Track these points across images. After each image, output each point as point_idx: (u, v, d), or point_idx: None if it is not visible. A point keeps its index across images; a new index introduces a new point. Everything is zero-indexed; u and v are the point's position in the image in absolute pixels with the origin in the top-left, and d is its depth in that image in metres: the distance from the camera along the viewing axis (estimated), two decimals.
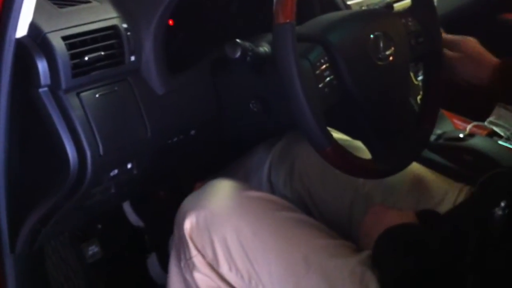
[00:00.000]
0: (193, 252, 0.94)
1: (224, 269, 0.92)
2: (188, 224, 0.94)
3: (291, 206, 0.99)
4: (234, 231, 0.92)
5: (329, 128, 0.89)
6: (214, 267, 0.93)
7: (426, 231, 0.85)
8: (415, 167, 1.10)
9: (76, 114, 0.84)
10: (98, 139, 0.86)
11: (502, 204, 0.67)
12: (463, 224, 0.77)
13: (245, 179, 1.22)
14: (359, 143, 1.04)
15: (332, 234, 0.95)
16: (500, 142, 1.32)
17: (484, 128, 1.43)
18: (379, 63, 0.95)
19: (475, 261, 0.72)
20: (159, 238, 1.31)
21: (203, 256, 0.93)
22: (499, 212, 0.67)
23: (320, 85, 0.89)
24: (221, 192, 0.97)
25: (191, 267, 0.94)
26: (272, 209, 0.95)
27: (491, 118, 1.45)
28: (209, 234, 0.93)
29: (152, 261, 1.36)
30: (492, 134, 1.40)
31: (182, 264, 0.96)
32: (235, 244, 0.91)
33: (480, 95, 1.19)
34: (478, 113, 1.50)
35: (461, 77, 1.10)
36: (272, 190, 1.19)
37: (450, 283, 0.76)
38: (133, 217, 1.36)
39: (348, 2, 1.28)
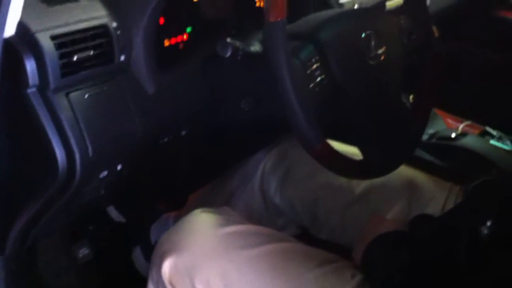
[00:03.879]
0: None
1: None
2: (167, 267, 0.91)
3: (275, 235, 0.97)
4: (217, 273, 0.88)
5: None
6: None
7: (415, 237, 0.85)
8: (407, 167, 1.10)
9: (64, 115, 0.83)
10: (87, 140, 0.85)
11: (488, 223, 0.67)
12: (450, 237, 0.77)
13: (238, 188, 1.22)
14: (351, 147, 1.04)
15: (320, 258, 0.92)
16: (492, 141, 1.33)
17: (476, 127, 1.44)
18: (371, 62, 0.94)
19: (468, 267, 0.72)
20: (141, 230, 1.31)
21: None
22: (485, 231, 0.67)
23: (311, 85, 0.88)
24: (200, 230, 0.93)
25: None
26: (255, 243, 0.92)
27: None
28: (191, 279, 0.89)
29: (137, 254, 1.35)
30: (484, 133, 1.41)
31: None
32: (220, 287, 0.88)
33: (473, 94, 1.19)
34: (470, 112, 1.50)
35: None
36: (264, 199, 1.19)
37: (440, 283, 0.76)
38: (113, 212, 1.36)
39: (341, 1, 1.28)
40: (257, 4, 1.17)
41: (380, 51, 0.96)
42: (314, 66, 0.89)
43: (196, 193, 1.36)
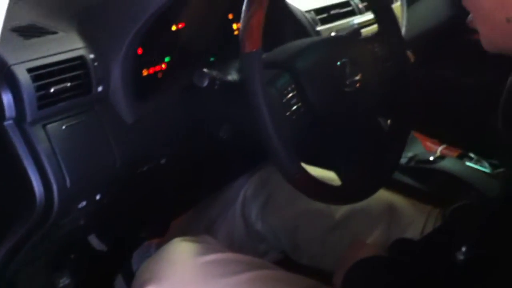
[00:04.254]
0: None
1: None
2: None
3: (255, 262, 0.97)
4: None
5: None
6: None
7: (395, 262, 0.85)
8: (386, 191, 1.11)
9: (42, 147, 0.83)
10: (65, 171, 0.85)
11: (463, 249, 0.68)
12: (427, 263, 0.78)
13: (220, 214, 1.22)
14: (330, 173, 1.05)
15: (300, 285, 0.93)
16: (470, 164, 1.34)
17: (455, 149, 1.45)
18: (346, 89, 0.95)
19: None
20: (123, 259, 1.30)
21: None
22: (460, 257, 0.68)
23: (287, 113, 0.89)
24: (179, 259, 0.94)
25: None
26: (235, 271, 0.92)
27: None
28: None
29: (119, 283, 1.34)
30: (463, 156, 1.42)
31: None
32: None
33: (451, 117, 1.20)
34: (448, 135, 1.52)
35: None
36: (246, 225, 1.19)
37: None
38: (95, 241, 1.35)
39: (318, 28, 1.30)
40: (236, 33, 1.19)
41: (355, 79, 0.97)
42: (291, 94, 0.90)
43: (178, 219, 1.36)
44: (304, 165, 0.93)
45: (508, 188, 0.74)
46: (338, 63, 0.95)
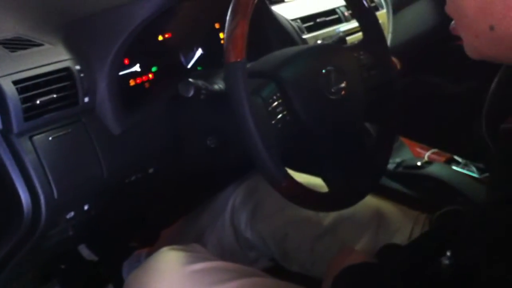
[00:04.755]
0: None
1: None
2: None
3: (245, 270, 0.97)
4: None
5: (286, 168, 0.90)
6: None
7: (382, 268, 0.86)
8: (374, 197, 1.12)
9: (28, 158, 0.83)
10: (52, 182, 0.85)
11: (448, 253, 0.68)
12: (413, 268, 0.78)
13: (209, 223, 1.22)
14: (317, 180, 1.05)
15: None
16: (457, 169, 1.35)
17: (443, 154, 1.46)
18: (332, 97, 0.96)
19: None
20: (113, 268, 1.30)
21: None
22: (445, 261, 0.69)
23: (273, 121, 0.89)
24: (167, 268, 0.93)
25: None
26: (224, 280, 0.92)
27: None
28: None
29: None
30: (450, 161, 1.44)
31: None
32: None
33: (439, 121, 1.21)
34: (437, 140, 1.53)
35: None
36: (235, 233, 1.19)
37: None
38: (85, 251, 1.35)
39: (304, 36, 1.31)
40: (222, 42, 1.19)
41: (340, 86, 0.97)
42: (276, 103, 0.91)
43: (168, 229, 1.36)
44: (291, 172, 0.94)
45: (491, 193, 0.74)
46: (323, 71, 0.96)
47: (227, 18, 0.84)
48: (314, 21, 1.38)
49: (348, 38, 1.27)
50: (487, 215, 0.66)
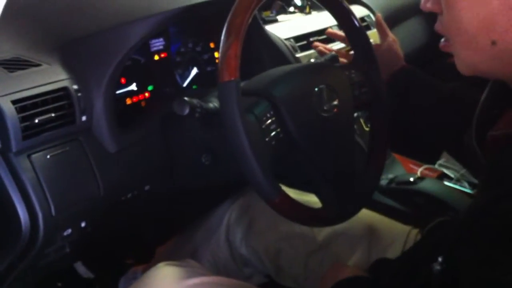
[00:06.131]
0: None
1: None
2: None
3: (239, 285, 0.99)
4: None
5: (280, 184, 0.91)
6: None
7: (374, 282, 0.87)
8: (367, 212, 1.13)
9: (27, 176, 0.85)
10: (50, 200, 0.87)
11: (440, 259, 0.69)
12: (404, 278, 0.79)
13: (204, 239, 1.23)
14: (310, 196, 1.07)
15: None
16: (447, 183, 1.37)
17: (435, 170, 1.48)
18: (324, 114, 0.98)
19: None
20: (109, 285, 1.30)
21: None
22: (437, 267, 0.69)
23: (266, 139, 0.91)
24: (163, 284, 0.95)
25: None
26: None
27: (441, 161, 1.51)
28: None
29: None
30: (442, 176, 1.45)
31: None
32: None
33: (431, 138, 1.23)
34: (429, 156, 1.55)
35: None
36: (230, 249, 1.21)
37: None
38: (81, 268, 1.36)
39: (297, 55, 1.34)
40: (217, 61, 1.22)
41: (333, 104, 1.00)
42: (269, 120, 0.92)
43: (164, 246, 1.37)
44: (285, 188, 0.95)
45: (480, 196, 0.74)
46: (316, 89, 0.98)
47: (221, 39, 0.86)
48: (307, 40, 1.40)
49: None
50: (476, 218, 0.67)
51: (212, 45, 1.25)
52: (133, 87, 1.09)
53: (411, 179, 1.31)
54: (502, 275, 0.59)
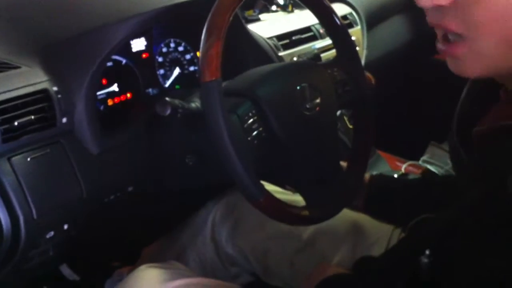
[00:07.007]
0: None
1: None
2: None
3: (224, 286, 0.98)
4: None
5: (263, 182, 0.91)
6: None
7: (358, 279, 0.87)
8: (351, 210, 1.13)
9: (7, 180, 0.84)
10: (31, 202, 0.86)
11: (427, 252, 0.69)
12: (391, 272, 0.79)
13: (190, 240, 1.23)
14: (296, 195, 1.07)
15: None
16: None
17: (419, 167, 1.49)
18: (306, 113, 0.98)
19: None
20: (95, 287, 1.30)
21: None
22: (425, 260, 0.69)
23: (249, 138, 0.91)
24: (145, 286, 0.94)
25: None
26: None
27: (425, 157, 1.52)
28: None
29: None
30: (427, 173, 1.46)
31: None
32: None
33: (415, 134, 1.24)
34: (413, 152, 1.56)
35: None
36: (216, 249, 1.20)
37: None
38: (66, 271, 1.35)
39: (280, 54, 1.34)
40: None
41: (315, 102, 1.00)
42: (252, 120, 0.92)
43: (149, 247, 1.37)
44: (271, 187, 0.95)
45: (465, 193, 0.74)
46: (298, 87, 0.98)
47: (202, 38, 0.86)
48: (290, 38, 1.40)
49: (323, 55, 1.30)
50: (472, 211, 0.66)
51: (194, 45, 1.25)
52: (115, 87, 1.08)
53: (395, 176, 1.32)
54: (499, 263, 0.59)
